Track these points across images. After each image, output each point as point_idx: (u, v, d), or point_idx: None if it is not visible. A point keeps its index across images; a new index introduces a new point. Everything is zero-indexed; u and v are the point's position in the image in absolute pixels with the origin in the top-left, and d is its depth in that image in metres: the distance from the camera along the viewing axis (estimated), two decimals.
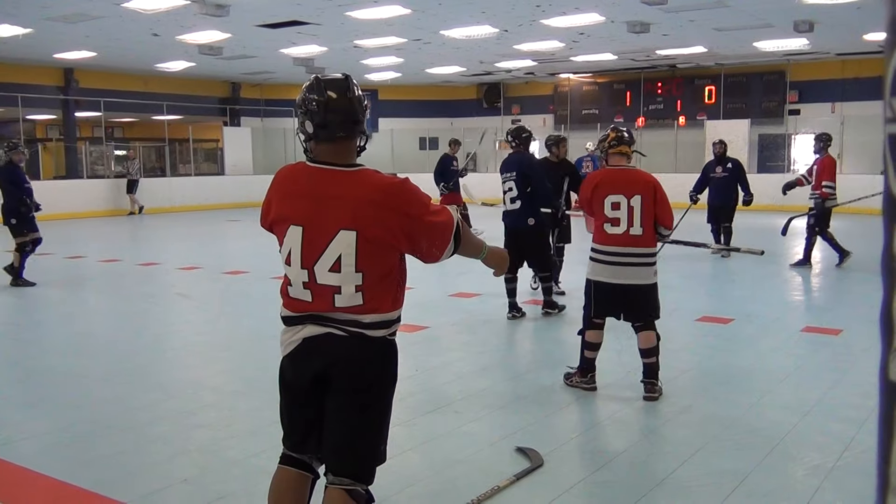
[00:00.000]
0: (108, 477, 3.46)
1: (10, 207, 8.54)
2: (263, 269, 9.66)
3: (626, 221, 4.44)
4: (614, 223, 4.46)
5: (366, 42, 16.50)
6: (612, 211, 4.47)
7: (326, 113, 2.40)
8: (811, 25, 14.29)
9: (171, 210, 19.63)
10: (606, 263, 4.50)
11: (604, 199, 4.49)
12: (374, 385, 2.37)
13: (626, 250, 4.45)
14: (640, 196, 4.47)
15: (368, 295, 2.30)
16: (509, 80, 24.37)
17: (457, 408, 4.45)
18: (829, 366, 5.40)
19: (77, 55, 17.49)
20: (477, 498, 3.15)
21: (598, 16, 13.90)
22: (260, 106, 24.32)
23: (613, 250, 4.47)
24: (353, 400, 2.33)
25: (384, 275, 2.34)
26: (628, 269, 4.45)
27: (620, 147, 4.61)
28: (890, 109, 0.94)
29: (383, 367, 2.40)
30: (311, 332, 2.35)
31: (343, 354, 2.33)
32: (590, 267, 4.60)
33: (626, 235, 4.44)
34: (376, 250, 2.30)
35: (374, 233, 2.28)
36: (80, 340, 6.44)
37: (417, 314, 6.80)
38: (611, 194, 4.48)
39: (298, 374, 2.39)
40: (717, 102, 21.08)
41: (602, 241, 4.51)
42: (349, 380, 2.34)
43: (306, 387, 2.38)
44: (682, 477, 3.40)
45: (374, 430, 2.38)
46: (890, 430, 0.92)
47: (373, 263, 2.30)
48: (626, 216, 4.44)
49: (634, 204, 4.45)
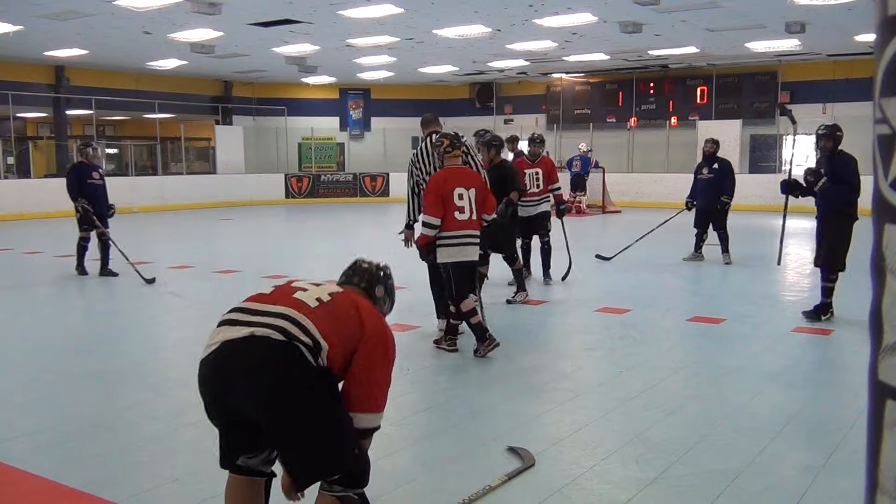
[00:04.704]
0: (99, 476, 3.44)
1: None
2: (255, 269, 9.64)
3: (468, 209, 5.40)
4: (460, 210, 5.37)
5: (358, 41, 16.48)
6: (458, 201, 5.37)
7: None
8: (803, 26, 14.34)
9: (163, 209, 19.57)
10: (456, 245, 5.40)
11: (453, 192, 5.34)
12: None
13: (471, 232, 5.44)
14: (474, 189, 5.45)
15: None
16: (502, 80, 24.38)
17: (448, 407, 4.45)
18: (819, 366, 5.42)
19: (68, 53, 17.40)
20: (468, 497, 3.15)
21: (590, 16, 13.91)
22: (252, 105, 24.26)
23: (463, 233, 5.40)
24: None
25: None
26: (470, 248, 5.46)
27: (454, 151, 5.51)
28: (879, 110, 0.94)
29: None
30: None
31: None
32: (444, 253, 5.42)
33: (469, 220, 5.41)
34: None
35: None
36: (71, 339, 6.40)
37: (408, 314, 6.80)
38: (458, 187, 5.37)
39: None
40: (709, 103, 21.13)
41: (454, 227, 5.38)
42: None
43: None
44: (672, 476, 3.41)
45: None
46: (879, 430, 0.92)
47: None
48: (468, 204, 5.40)
49: (471, 195, 5.42)
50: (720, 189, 9.80)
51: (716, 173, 9.87)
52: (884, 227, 0.93)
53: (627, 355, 5.62)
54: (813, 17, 13.79)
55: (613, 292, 7.98)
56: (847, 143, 6.62)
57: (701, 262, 10.00)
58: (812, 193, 6.61)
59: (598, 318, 6.84)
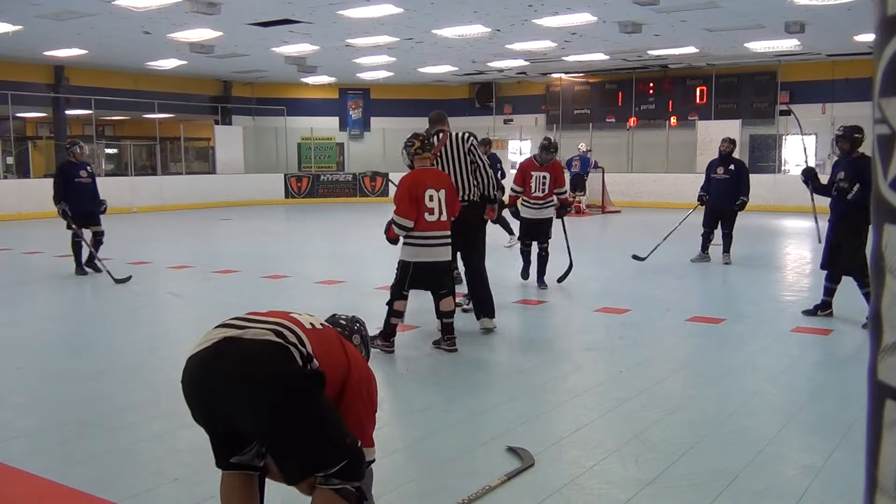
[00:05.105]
0: (99, 476, 3.44)
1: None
2: (254, 269, 9.64)
3: (438, 210, 5.44)
4: (430, 212, 5.42)
5: (358, 41, 16.48)
6: (429, 202, 5.42)
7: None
8: (802, 26, 14.34)
9: (162, 209, 19.56)
10: (425, 246, 5.45)
11: (424, 193, 5.39)
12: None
13: (441, 233, 5.49)
14: (444, 190, 5.51)
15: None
16: (501, 80, 24.38)
17: (447, 407, 4.45)
18: (819, 366, 5.42)
19: (67, 53, 17.40)
20: (468, 498, 3.15)
21: (590, 16, 13.92)
22: (251, 105, 24.26)
23: (432, 234, 5.45)
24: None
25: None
26: (440, 249, 5.50)
27: (424, 154, 5.56)
28: (879, 110, 0.94)
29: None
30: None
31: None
32: (407, 251, 5.48)
33: (439, 221, 5.45)
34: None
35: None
36: (71, 339, 6.41)
37: (408, 314, 6.80)
38: (429, 189, 5.42)
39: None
40: (709, 103, 21.13)
41: (424, 228, 5.43)
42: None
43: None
44: (672, 476, 3.41)
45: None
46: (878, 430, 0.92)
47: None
48: (438, 206, 5.45)
49: (441, 196, 5.47)
50: (734, 190, 9.70)
51: (731, 174, 9.78)
52: (883, 227, 0.93)
53: (627, 355, 5.62)
54: (812, 17, 13.80)
55: (613, 292, 7.98)
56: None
57: (707, 262, 9.94)
58: (827, 193, 6.54)
59: (597, 318, 6.84)
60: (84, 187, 9.24)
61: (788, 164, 20.53)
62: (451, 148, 6.11)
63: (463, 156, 6.10)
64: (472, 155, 6.13)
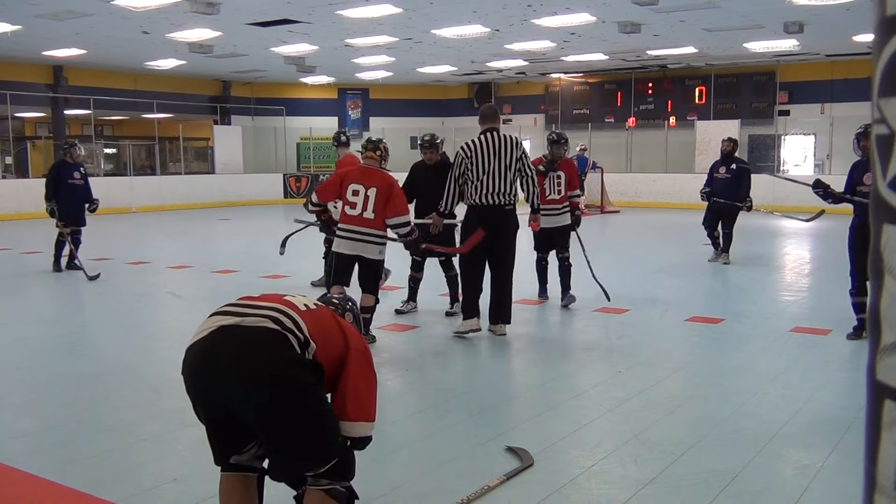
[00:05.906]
0: (98, 476, 3.44)
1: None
2: (254, 268, 9.64)
3: (361, 206, 5.63)
4: (352, 206, 5.66)
5: (357, 41, 16.47)
6: (351, 196, 5.67)
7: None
8: (801, 26, 14.36)
9: (161, 208, 19.55)
10: (344, 238, 5.68)
11: (348, 187, 5.68)
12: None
13: (360, 229, 5.64)
14: (374, 189, 5.66)
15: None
16: (500, 80, 24.38)
17: (447, 407, 4.45)
18: (817, 366, 5.42)
19: (66, 53, 17.39)
20: (467, 498, 3.15)
21: (589, 16, 13.92)
22: (250, 104, 24.25)
23: (350, 228, 5.66)
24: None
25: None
26: (359, 244, 5.65)
27: (367, 153, 5.92)
28: (877, 110, 0.94)
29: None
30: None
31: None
32: (336, 241, 5.73)
33: (360, 217, 5.63)
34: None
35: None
36: (70, 339, 6.40)
37: (407, 314, 6.80)
38: (354, 184, 5.69)
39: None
40: (708, 103, 21.15)
41: (343, 220, 5.70)
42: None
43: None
44: (671, 476, 3.41)
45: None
46: (877, 430, 0.92)
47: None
48: (362, 202, 5.64)
49: (371, 194, 5.64)
50: (736, 191, 9.67)
51: (733, 174, 9.75)
52: (882, 227, 0.93)
53: (626, 355, 5.62)
54: (811, 18, 13.80)
55: (612, 292, 7.97)
56: (845, 143, 6.60)
57: (715, 261, 9.94)
58: (850, 200, 5.86)
59: (596, 318, 6.84)
60: (75, 189, 9.36)
61: (787, 164, 20.53)
62: (497, 147, 5.96)
63: (511, 160, 5.96)
64: (520, 163, 6.03)
